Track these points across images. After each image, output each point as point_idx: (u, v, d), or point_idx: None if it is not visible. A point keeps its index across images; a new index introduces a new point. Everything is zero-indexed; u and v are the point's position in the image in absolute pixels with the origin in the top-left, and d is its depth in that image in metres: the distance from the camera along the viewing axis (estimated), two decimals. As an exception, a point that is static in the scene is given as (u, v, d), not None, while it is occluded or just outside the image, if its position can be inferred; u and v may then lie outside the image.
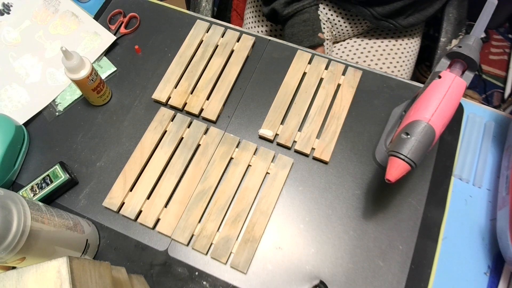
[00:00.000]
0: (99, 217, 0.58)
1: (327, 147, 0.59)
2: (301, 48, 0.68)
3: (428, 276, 0.52)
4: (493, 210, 0.55)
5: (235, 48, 0.68)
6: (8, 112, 0.66)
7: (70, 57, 0.57)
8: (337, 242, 0.54)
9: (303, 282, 0.52)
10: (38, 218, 0.44)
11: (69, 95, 0.67)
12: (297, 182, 0.58)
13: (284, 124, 0.61)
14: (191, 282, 0.53)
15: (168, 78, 0.66)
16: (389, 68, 0.80)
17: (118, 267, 0.46)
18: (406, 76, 0.83)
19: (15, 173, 0.61)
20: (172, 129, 0.62)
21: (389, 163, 0.44)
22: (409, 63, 0.82)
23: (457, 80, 0.45)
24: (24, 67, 0.70)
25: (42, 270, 0.34)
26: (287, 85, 0.64)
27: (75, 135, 0.64)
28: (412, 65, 0.84)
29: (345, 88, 0.63)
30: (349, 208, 0.56)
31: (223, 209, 0.56)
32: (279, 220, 0.56)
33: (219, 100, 0.64)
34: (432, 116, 0.44)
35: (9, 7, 0.74)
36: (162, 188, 0.58)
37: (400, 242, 0.53)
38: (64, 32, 0.72)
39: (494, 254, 0.53)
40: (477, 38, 0.47)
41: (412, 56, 0.83)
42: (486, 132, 0.60)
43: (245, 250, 0.54)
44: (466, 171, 0.57)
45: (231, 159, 0.60)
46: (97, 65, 0.70)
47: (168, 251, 0.55)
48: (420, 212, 0.55)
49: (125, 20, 0.73)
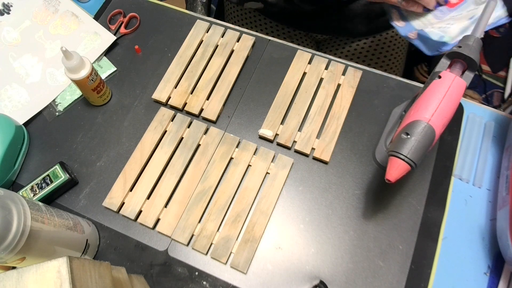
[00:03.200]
0: (99, 217, 0.58)
1: (327, 147, 0.59)
2: (301, 48, 0.68)
3: (428, 276, 0.52)
4: (493, 210, 0.55)
5: (235, 48, 0.68)
6: (8, 112, 0.66)
7: (70, 57, 0.57)
8: (337, 242, 0.54)
9: (303, 282, 0.52)
10: (38, 218, 0.44)
11: (69, 95, 0.67)
12: (297, 182, 0.58)
13: (284, 124, 0.61)
14: (191, 282, 0.53)
15: (168, 78, 0.66)
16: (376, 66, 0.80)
17: (118, 267, 0.46)
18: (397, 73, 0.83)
19: (15, 173, 0.61)
20: (172, 129, 0.62)
21: (389, 163, 0.44)
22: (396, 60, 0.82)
23: (457, 80, 0.45)
24: (24, 67, 0.70)
25: (42, 270, 0.34)
26: (287, 85, 0.64)
27: (75, 135, 0.64)
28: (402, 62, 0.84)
29: (345, 88, 0.63)
30: (349, 208, 0.56)
31: (223, 209, 0.56)
32: (279, 220, 0.56)
33: (219, 100, 0.64)
34: (432, 116, 0.44)
35: (9, 7, 0.74)
36: (162, 188, 0.58)
37: (400, 242, 0.53)
38: (64, 32, 0.72)
39: (494, 254, 0.53)
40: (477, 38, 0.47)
41: (400, 53, 0.83)
42: (486, 132, 0.60)
43: (245, 250, 0.54)
44: (466, 171, 0.57)
45: (231, 159, 0.60)
46: (97, 65, 0.70)
47: (168, 251, 0.55)
48: (420, 212, 0.55)
49: (125, 20, 0.73)
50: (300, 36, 0.84)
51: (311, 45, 0.86)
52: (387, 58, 0.81)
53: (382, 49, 0.81)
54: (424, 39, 0.55)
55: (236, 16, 0.87)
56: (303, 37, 0.85)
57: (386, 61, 0.81)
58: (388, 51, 0.81)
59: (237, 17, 0.87)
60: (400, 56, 0.83)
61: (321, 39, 0.87)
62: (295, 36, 0.84)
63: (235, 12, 0.87)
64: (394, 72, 0.82)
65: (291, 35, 0.83)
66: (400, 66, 0.84)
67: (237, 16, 0.86)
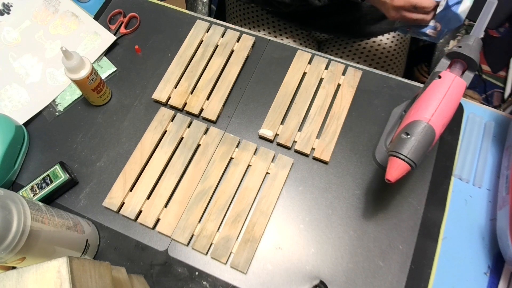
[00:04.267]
0: (99, 217, 0.58)
1: (327, 147, 0.59)
2: (301, 48, 0.68)
3: (428, 276, 0.52)
4: (493, 210, 0.55)
5: (235, 48, 0.68)
6: (8, 112, 0.66)
7: (70, 57, 0.57)
8: (337, 242, 0.54)
9: (303, 282, 0.52)
10: (38, 218, 0.44)
11: (69, 95, 0.67)
12: (297, 182, 0.58)
13: (284, 124, 0.61)
14: (191, 282, 0.53)
15: (168, 78, 0.66)
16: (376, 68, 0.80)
17: (118, 267, 0.46)
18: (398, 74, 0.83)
19: (15, 173, 0.61)
20: (172, 129, 0.62)
21: (389, 163, 0.44)
22: (397, 61, 0.82)
23: (457, 80, 0.45)
24: (24, 67, 0.70)
25: (42, 270, 0.34)
26: (287, 85, 0.64)
27: (75, 135, 0.64)
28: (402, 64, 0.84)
29: (345, 88, 0.63)
30: (349, 208, 0.56)
31: (223, 209, 0.56)
32: (279, 220, 0.56)
33: (219, 100, 0.64)
34: (432, 116, 0.44)
35: (9, 7, 0.74)
36: (162, 188, 0.58)
37: (400, 242, 0.53)
38: (64, 32, 0.72)
39: (494, 254, 0.53)
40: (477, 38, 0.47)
41: (400, 53, 0.83)
42: (486, 132, 0.60)
43: (245, 250, 0.54)
44: (466, 171, 0.57)
45: (231, 159, 0.60)
46: (97, 65, 0.70)
47: (168, 251, 0.55)
48: (420, 212, 0.55)
49: (125, 20, 0.73)
50: (302, 36, 0.84)
51: (313, 45, 0.86)
52: (388, 57, 0.81)
53: (383, 49, 0.81)
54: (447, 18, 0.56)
55: (238, 16, 0.87)
56: (305, 37, 0.85)
57: (387, 61, 0.81)
58: (390, 51, 0.81)
59: (239, 17, 0.86)
60: (401, 56, 0.83)
61: (323, 39, 0.87)
62: (297, 36, 0.84)
63: (237, 12, 0.87)
64: (394, 72, 0.82)
65: (293, 35, 0.83)
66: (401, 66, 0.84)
67: (239, 16, 0.86)
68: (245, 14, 0.85)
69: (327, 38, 0.86)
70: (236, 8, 0.87)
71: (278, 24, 0.83)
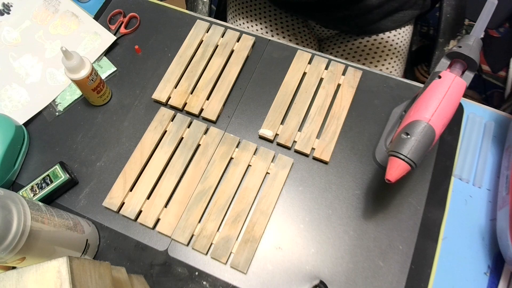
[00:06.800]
0: (99, 217, 0.58)
1: (327, 147, 0.59)
2: (301, 48, 0.68)
3: (428, 276, 0.52)
4: (493, 210, 0.55)
5: (235, 48, 0.68)
6: (8, 112, 0.66)
7: (70, 57, 0.57)
8: (337, 242, 0.54)
9: (303, 282, 0.52)
10: (38, 218, 0.44)
11: (69, 95, 0.67)
12: (297, 182, 0.58)
13: (284, 124, 0.61)
14: (191, 282, 0.53)
15: (168, 78, 0.66)
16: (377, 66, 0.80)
17: (118, 267, 0.46)
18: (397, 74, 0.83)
19: (15, 173, 0.61)
20: (172, 129, 0.62)
21: (389, 163, 0.44)
22: (398, 60, 0.82)
23: (457, 80, 0.45)
24: (24, 67, 0.70)
25: (42, 270, 0.34)
26: (287, 85, 0.64)
27: (75, 135, 0.64)
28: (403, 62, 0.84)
29: (345, 88, 0.63)
30: (349, 208, 0.56)
31: (223, 209, 0.56)
32: (279, 220, 0.56)
33: (219, 100, 0.64)
34: (432, 116, 0.44)
35: (9, 7, 0.74)
36: (162, 188, 0.58)
37: (400, 242, 0.53)
38: (64, 32, 0.72)
39: (494, 254, 0.53)
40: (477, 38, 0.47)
41: (401, 53, 0.83)
42: (486, 132, 0.60)
43: (245, 250, 0.54)
44: (466, 171, 0.57)
45: (231, 159, 0.60)
46: (97, 65, 0.70)
47: (168, 251, 0.55)
48: (420, 212, 0.55)
49: (125, 20, 0.73)
50: (304, 34, 0.84)
51: (314, 43, 0.86)
52: (388, 56, 0.81)
53: (384, 47, 0.81)
54: None
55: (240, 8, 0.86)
56: (306, 34, 0.84)
57: (388, 60, 0.81)
58: (391, 50, 0.81)
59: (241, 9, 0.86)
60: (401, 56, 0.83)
61: (325, 36, 0.87)
62: (299, 33, 0.83)
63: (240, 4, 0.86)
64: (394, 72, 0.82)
65: (295, 32, 0.83)
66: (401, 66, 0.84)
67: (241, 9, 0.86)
68: (248, 7, 0.85)
69: (328, 36, 0.86)
70: (237, 6, 0.87)
71: (280, 17, 0.82)
